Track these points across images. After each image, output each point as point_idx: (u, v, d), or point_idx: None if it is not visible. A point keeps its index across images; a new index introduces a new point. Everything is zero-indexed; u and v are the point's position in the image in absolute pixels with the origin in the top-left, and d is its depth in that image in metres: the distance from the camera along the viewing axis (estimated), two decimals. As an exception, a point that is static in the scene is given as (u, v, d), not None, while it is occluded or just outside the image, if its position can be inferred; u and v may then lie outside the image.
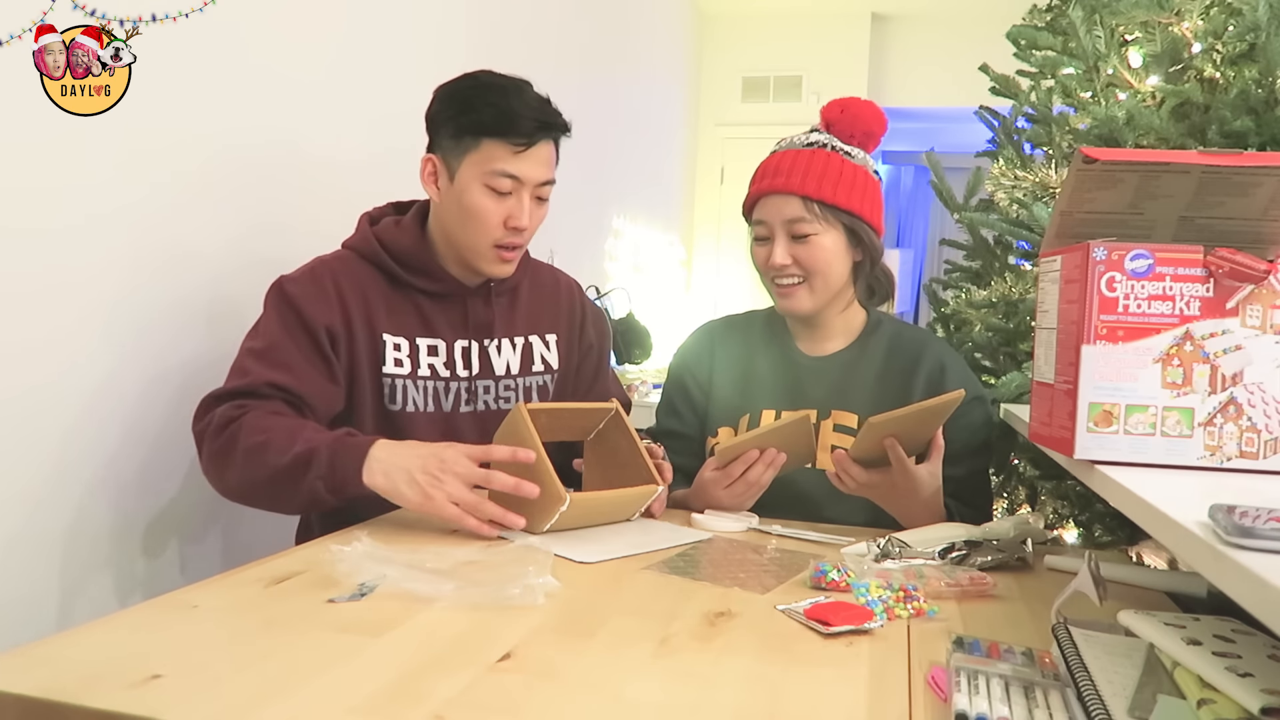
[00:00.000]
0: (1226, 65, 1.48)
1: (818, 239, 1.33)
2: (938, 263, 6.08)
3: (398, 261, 1.32)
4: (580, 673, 0.73)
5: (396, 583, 0.89)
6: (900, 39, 5.29)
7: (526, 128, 1.26)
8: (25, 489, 1.20)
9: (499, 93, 1.27)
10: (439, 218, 1.34)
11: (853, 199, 1.35)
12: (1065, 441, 0.88)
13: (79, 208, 1.24)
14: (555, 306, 1.47)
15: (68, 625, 0.79)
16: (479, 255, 1.32)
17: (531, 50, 2.83)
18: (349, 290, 1.29)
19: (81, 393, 1.27)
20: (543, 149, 1.30)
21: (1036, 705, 0.67)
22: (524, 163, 1.27)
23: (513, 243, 1.31)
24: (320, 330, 1.26)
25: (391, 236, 1.33)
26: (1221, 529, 0.57)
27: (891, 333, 1.43)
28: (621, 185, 4.00)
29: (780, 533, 1.21)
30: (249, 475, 1.14)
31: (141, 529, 1.38)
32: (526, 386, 1.42)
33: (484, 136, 1.26)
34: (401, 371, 1.31)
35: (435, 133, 1.32)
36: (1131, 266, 0.85)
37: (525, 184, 1.29)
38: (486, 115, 1.25)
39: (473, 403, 1.37)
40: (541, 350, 1.44)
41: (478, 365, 1.37)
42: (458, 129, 1.28)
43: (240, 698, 0.66)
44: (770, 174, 1.36)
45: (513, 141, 1.26)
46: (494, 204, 1.28)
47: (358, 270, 1.32)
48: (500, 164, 1.26)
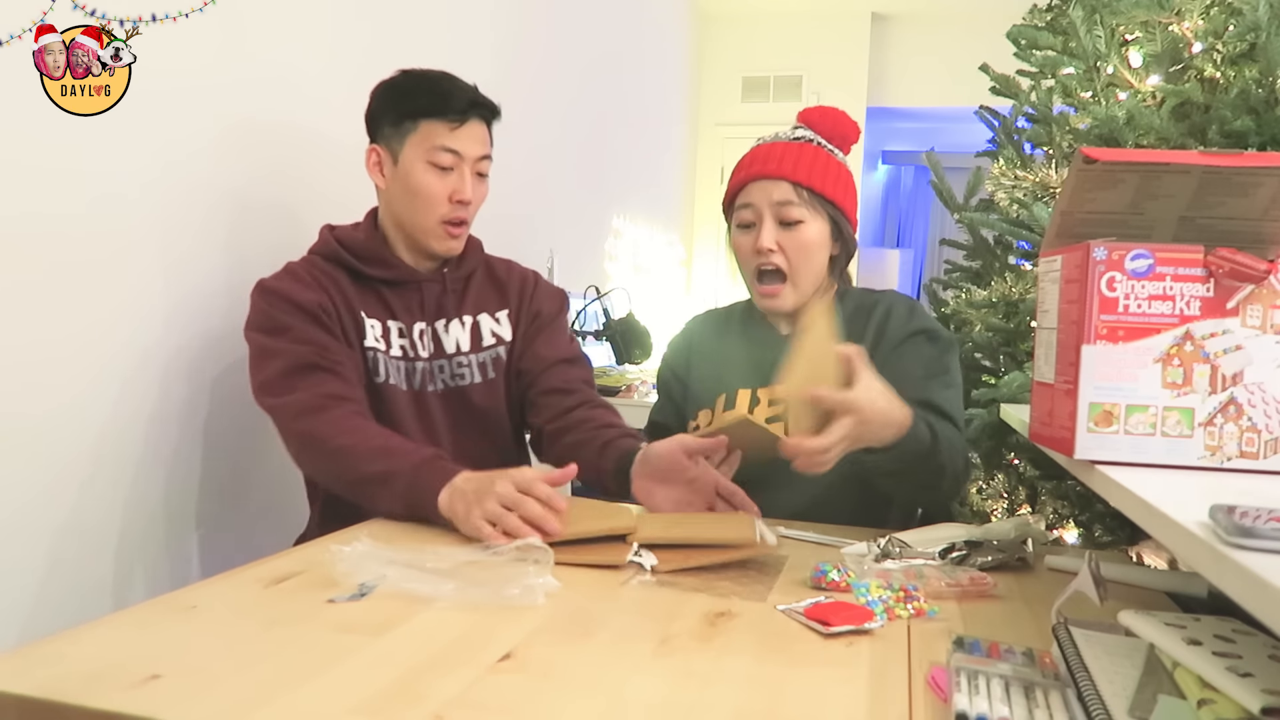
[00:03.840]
0: (1227, 65, 1.48)
1: (804, 227, 1.36)
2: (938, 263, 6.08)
3: (356, 256, 1.41)
4: (580, 673, 0.73)
5: (396, 583, 0.89)
6: (900, 39, 5.28)
7: (459, 104, 1.37)
8: (25, 489, 1.20)
9: (430, 80, 1.40)
10: (388, 204, 1.43)
11: (838, 192, 1.38)
12: (1065, 441, 0.88)
13: (79, 208, 1.24)
14: (506, 289, 1.53)
15: (68, 625, 0.79)
16: (428, 233, 1.41)
17: (531, 50, 2.83)
18: (324, 279, 1.38)
19: (82, 392, 1.27)
20: (476, 127, 1.40)
21: (1036, 705, 0.67)
22: (460, 138, 1.38)
23: (458, 217, 1.41)
24: (314, 307, 1.33)
25: (348, 235, 1.43)
26: (1222, 529, 0.57)
27: (855, 301, 1.45)
28: (621, 185, 4.00)
29: (781, 533, 1.20)
30: (334, 472, 1.24)
31: (142, 530, 1.38)
32: (480, 362, 1.48)
33: (422, 118, 1.37)
34: (380, 347, 1.39)
35: (376, 125, 1.42)
36: (1132, 266, 0.85)
37: (465, 159, 1.39)
38: (421, 99, 1.37)
39: (433, 382, 1.44)
40: (491, 325, 1.49)
41: (432, 346, 1.45)
42: (397, 116, 1.38)
43: (240, 698, 0.66)
44: (760, 161, 1.38)
45: (449, 119, 1.36)
46: (438, 180, 1.38)
47: (325, 268, 1.41)
48: (440, 139, 1.36)
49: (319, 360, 1.28)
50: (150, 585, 1.38)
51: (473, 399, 1.46)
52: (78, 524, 1.27)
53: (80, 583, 1.28)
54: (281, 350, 1.29)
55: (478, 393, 1.47)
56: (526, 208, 2.83)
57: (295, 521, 1.49)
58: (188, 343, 1.44)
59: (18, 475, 1.18)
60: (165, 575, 1.42)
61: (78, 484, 1.27)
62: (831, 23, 5.17)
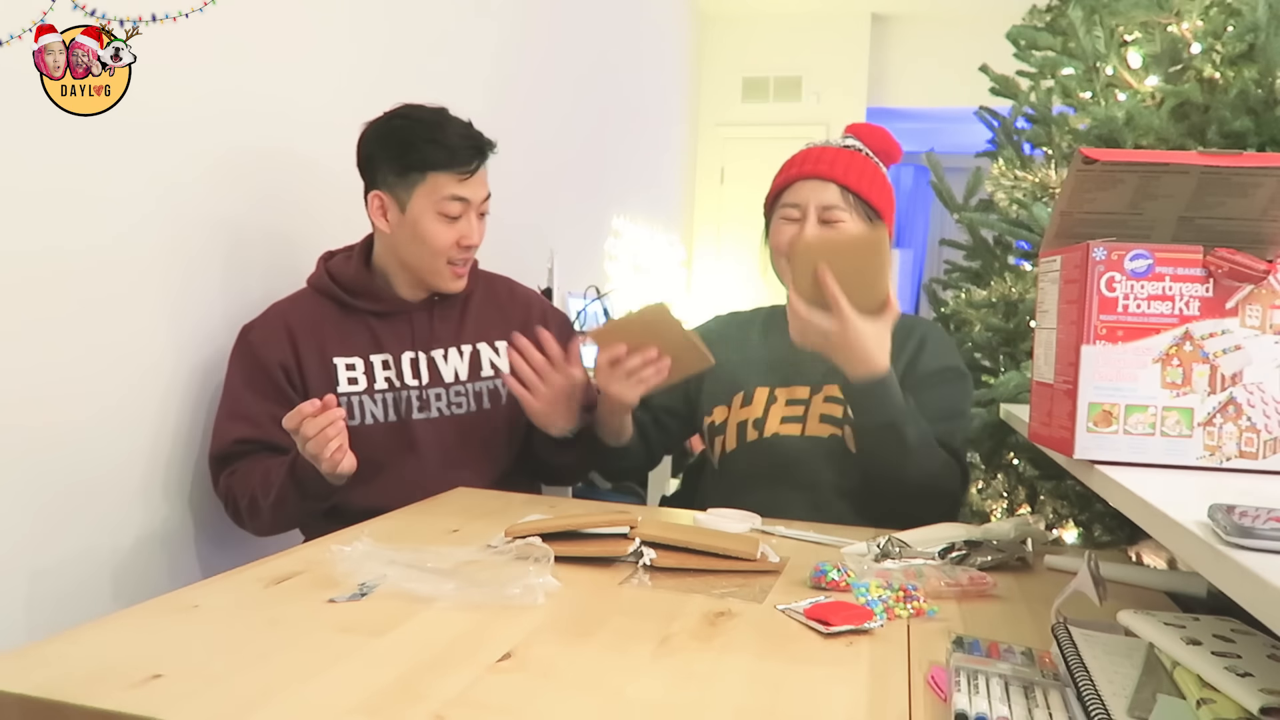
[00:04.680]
0: (1226, 65, 1.48)
1: (845, 228, 1.38)
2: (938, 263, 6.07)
3: (345, 289, 1.46)
4: (580, 673, 0.73)
5: (396, 583, 0.89)
6: (900, 39, 5.28)
7: (466, 156, 1.40)
8: (30, 496, 1.20)
9: (434, 128, 1.40)
10: (391, 247, 1.46)
11: (883, 201, 1.41)
12: (1065, 441, 0.88)
13: (79, 208, 1.24)
14: (508, 315, 1.55)
15: (68, 625, 0.79)
16: (436, 274, 1.45)
17: (531, 51, 2.83)
18: (300, 326, 1.44)
19: (84, 394, 1.27)
20: (481, 171, 1.44)
21: (1036, 705, 0.67)
22: (468, 187, 1.41)
23: (465, 259, 1.46)
24: (275, 369, 1.40)
25: (339, 269, 1.48)
26: (1221, 529, 0.57)
27: None
28: (621, 185, 4.00)
29: (781, 533, 1.20)
30: (261, 524, 1.37)
31: (143, 530, 1.38)
32: (477, 391, 1.50)
33: (429, 170, 1.39)
34: (357, 389, 1.43)
35: (375, 171, 1.43)
36: (1131, 266, 0.85)
37: (471, 205, 1.43)
38: (428, 152, 1.39)
39: (426, 410, 1.47)
40: (490, 356, 1.52)
41: (427, 375, 1.48)
42: (403, 167, 1.40)
43: (240, 698, 0.66)
44: (811, 161, 1.41)
45: (457, 172, 1.40)
46: (446, 228, 1.41)
47: (312, 305, 1.46)
48: (449, 191, 1.40)
49: (233, 451, 1.38)
50: (150, 585, 1.38)
51: (467, 427, 1.48)
52: (79, 525, 1.27)
53: (80, 583, 1.28)
54: (218, 429, 1.40)
55: (473, 422, 1.48)
56: (527, 208, 2.83)
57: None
58: (189, 341, 1.44)
59: (22, 483, 1.18)
60: (165, 575, 1.42)
61: (81, 490, 1.27)
62: (831, 23, 5.17)
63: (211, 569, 1.49)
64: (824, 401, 1.40)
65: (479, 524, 1.18)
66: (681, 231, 5.15)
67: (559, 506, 1.32)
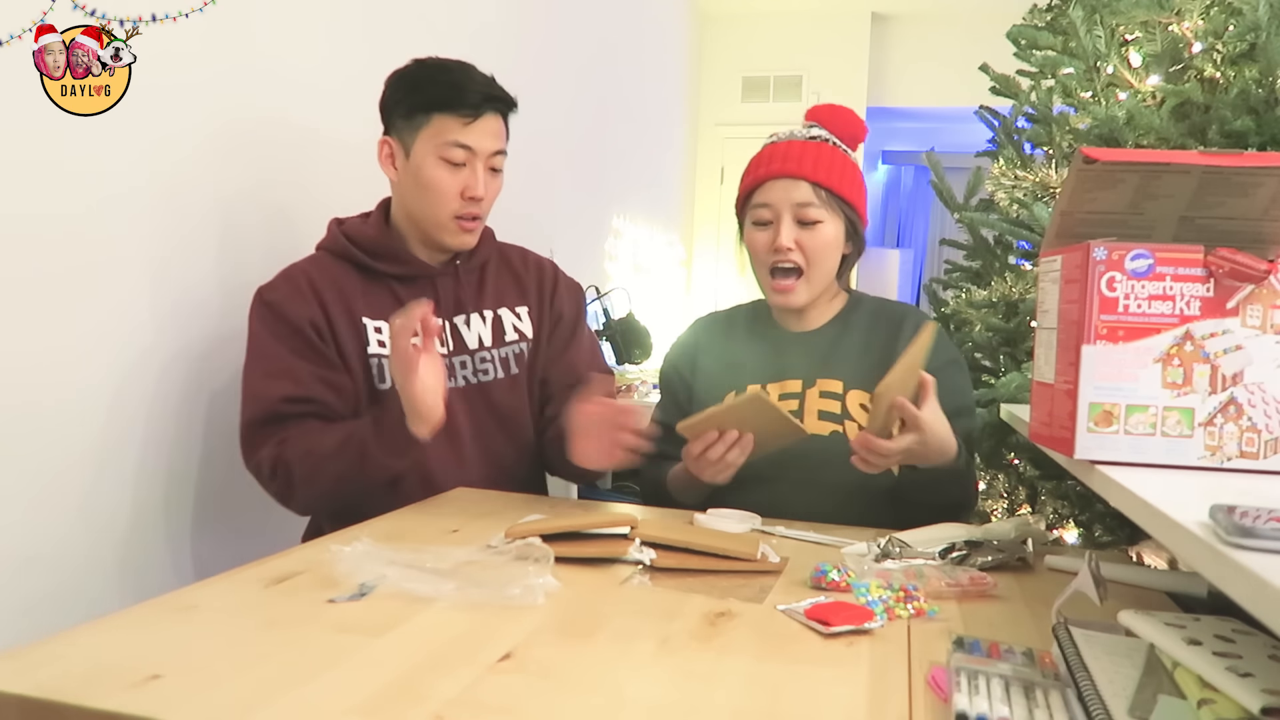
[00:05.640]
0: (1226, 65, 1.48)
1: (822, 227, 1.37)
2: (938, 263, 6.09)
3: (365, 251, 1.39)
4: (580, 673, 0.73)
5: (396, 583, 0.89)
6: (900, 39, 5.28)
7: (473, 99, 1.34)
8: (25, 490, 1.20)
9: (445, 71, 1.36)
10: (400, 198, 1.41)
11: (854, 193, 1.40)
12: (1065, 441, 0.88)
13: (79, 208, 1.24)
14: (523, 281, 1.52)
15: (68, 625, 0.79)
16: (441, 228, 1.38)
17: (531, 50, 2.83)
18: (324, 285, 1.35)
19: (83, 392, 1.27)
20: (491, 121, 1.37)
21: (1036, 705, 0.67)
22: (473, 133, 1.35)
23: (471, 213, 1.38)
24: (305, 326, 1.32)
25: (358, 230, 1.40)
26: (1222, 529, 0.57)
27: (873, 308, 1.48)
28: (621, 185, 4.00)
29: (781, 533, 1.20)
30: (316, 490, 1.26)
31: (142, 530, 1.38)
32: (503, 358, 1.46)
33: (434, 111, 1.33)
34: (386, 352, 1.35)
35: (389, 116, 1.39)
36: (1132, 266, 0.85)
37: (478, 154, 1.36)
38: (434, 92, 1.34)
39: (453, 378, 1.41)
40: (513, 321, 1.48)
41: (451, 343, 1.42)
42: (409, 108, 1.35)
43: (240, 698, 0.66)
44: (778, 159, 1.38)
45: (461, 114, 1.33)
46: (449, 175, 1.35)
47: (331, 267, 1.38)
48: (451, 134, 1.33)
49: (282, 410, 1.28)
50: (150, 585, 1.38)
51: (495, 395, 1.44)
52: (78, 524, 1.27)
53: (81, 583, 1.28)
54: (255, 392, 1.30)
55: (500, 389, 1.45)
56: (527, 207, 2.83)
57: (295, 522, 1.49)
58: (190, 340, 1.44)
59: (17, 477, 1.18)
60: (165, 575, 1.42)
61: (78, 485, 1.27)
62: (831, 23, 5.17)
63: (211, 569, 1.49)
64: (819, 397, 1.40)
65: (479, 524, 1.17)
66: (681, 231, 5.15)
67: (559, 507, 1.32)
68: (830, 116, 1.43)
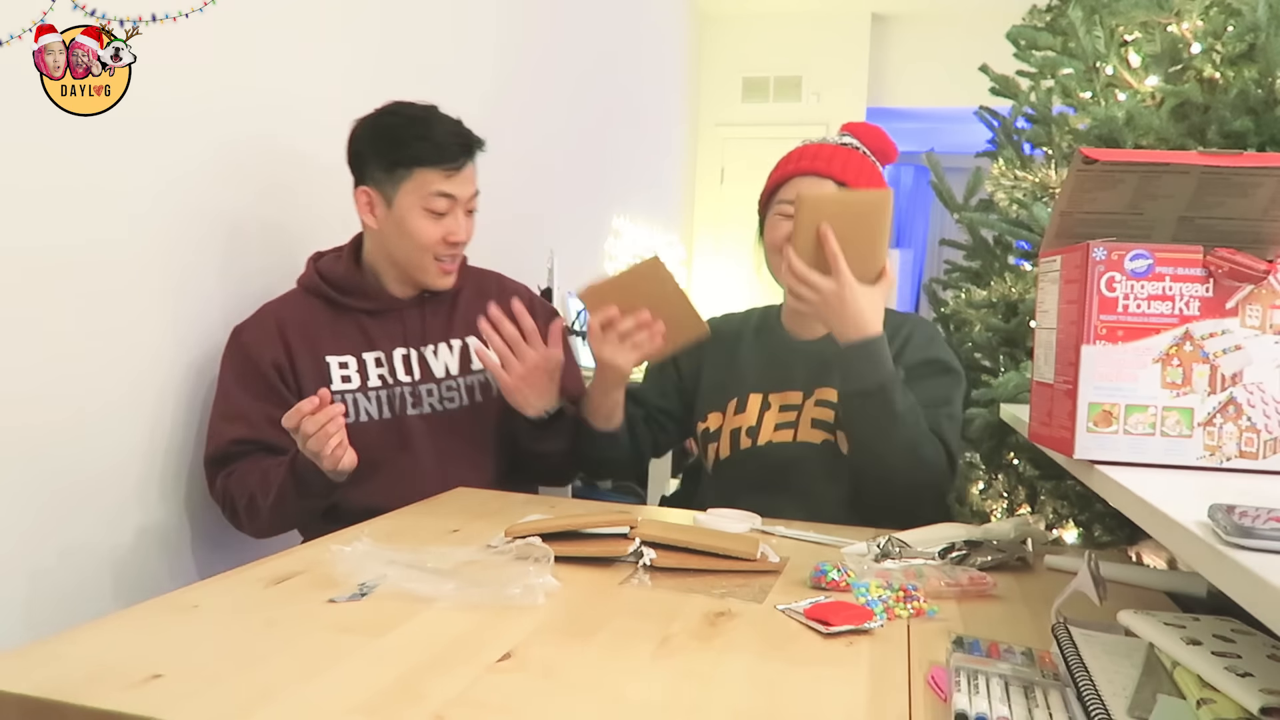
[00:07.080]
0: (1226, 65, 1.48)
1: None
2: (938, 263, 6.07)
3: (335, 288, 1.46)
4: (580, 673, 0.73)
5: (396, 583, 0.89)
6: (900, 39, 5.29)
7: (453, 153, 1.40)
8: (30, 494, 1.20)
9: (422, 125, 1.40)
10: (380, 243, 1.47)
11: None
12: (1065, 441, 0.88)
13: (79, 208, 1.24)
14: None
15: (68, 625, 0.79)
16: (423, 271, 1.45)
17: (531, 51, 2.83)
18: (291, 325, 1.43)
19: (84, 392, 1.27)
20: (469, 168, 1.44)
21: (1036, 705, 0.67)
22: (455, 183, 1.41)
23: (453, 255, 1.46)
24: (268, 368, 1.40)
25: (329, 268, 1.48)
26: (1221, 529, 0.57)
27: None
28: (621, 185, 4.00)
29: (781, 533, 1.20)
30: (260, 525, 1.37)
31: (143, 530, 1.38)
32: (468, 385, 1.50)
33: (416, 166, 1.39)
34: (350, 387, 1.43)
35: (363, 167, 1.44)
36: (1131, 266, 0.85)
37: (459, 201, 1.43)
38: (416, 148, 1.39)
39: (419, 405, 1.47)
40: (480, 348, 1.48)
41: (419, 371, 1.48)
42: (390, 163, 1.40)
43: (240, 698, 0.66)
44: (808, 158, 1.41)
45: (444, 168, 1.40)
46: (432, 224, 1.41)
47: (303, 304, 1.46)
48: (436, 187, 1.40)
49: (231, 451, 1.37)
50: (150, 585, 1.38)
51: (460, 423, 1.47)
52: (79, 524, 1.27)
53: (80, 583, 1.28)
54: (212, 431, 1.40)
55: (465, 417, 1.48)
56: (527, 208, 2.83)
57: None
58: (189, 340, 1.44)
59: (22, 481, 1.18)
60: (165, 575, 1.42)
61: (81, 488, 1.27)
62: (831, 23, 5.17)
63: (211, 569, 1.49)
64: (815, 406, 1.40)
65: (479, 524, 1.18)
66: (681, 231, 5.15)
67: (559, 506, 1.32)
68: (865, 133, 1.46)
